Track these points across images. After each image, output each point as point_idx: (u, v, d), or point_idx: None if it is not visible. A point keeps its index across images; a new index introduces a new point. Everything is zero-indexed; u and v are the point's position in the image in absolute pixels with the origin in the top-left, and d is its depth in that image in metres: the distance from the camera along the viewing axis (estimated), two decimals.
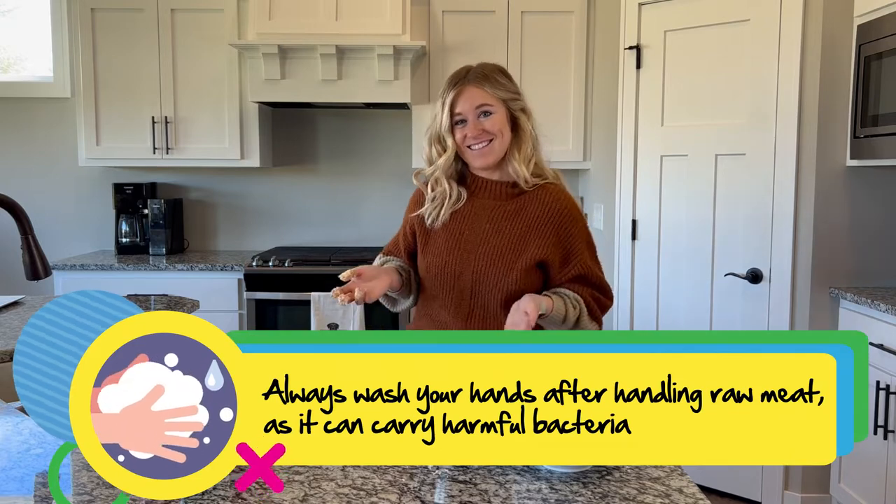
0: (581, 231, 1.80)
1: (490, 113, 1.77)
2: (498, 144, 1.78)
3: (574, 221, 1.79)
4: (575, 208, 1.81)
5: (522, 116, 1.81)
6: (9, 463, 1.18)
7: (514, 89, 1.83)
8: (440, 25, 3.86)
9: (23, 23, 4.32)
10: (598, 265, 1.84)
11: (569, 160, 3.97)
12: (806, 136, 2.93)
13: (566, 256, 1.78)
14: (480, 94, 1.77)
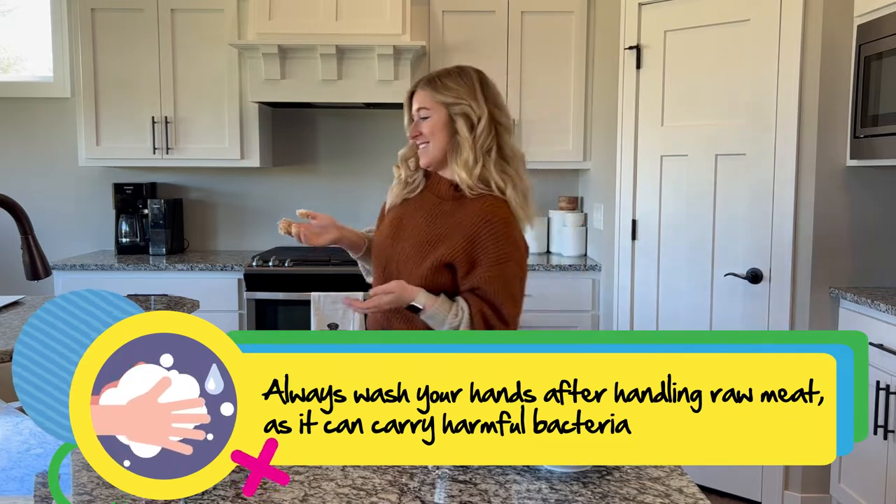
0: (497, 248, 1.76)
1: (427, 116, 1.82)
2: (432, 146, 1.82)
3: (493, 237, 1.76)
4: (502, 225, 1.77)
5: (459, 121, 1.79)
6: (9, 463, 1.18)
7: (461, 94, 1.80)
8: (440, 25, 3.86)
9: (23, 23, 4.32)
10: (505, 288, 1.76)
11: (569, 160, 3.97)
12: (806, 136, 2.93)
13: (471, 267, 1.77)
14: (421, 96, 1.83)
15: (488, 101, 1.81)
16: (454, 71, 1.85)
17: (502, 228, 1.77)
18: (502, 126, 1.84)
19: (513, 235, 1.78)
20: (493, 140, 1.81)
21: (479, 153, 1.79)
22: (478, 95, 1.80)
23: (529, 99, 3.92)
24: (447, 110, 1.80)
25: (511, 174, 1.84)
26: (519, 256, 1.79)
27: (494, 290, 1.75)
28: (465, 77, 1.83)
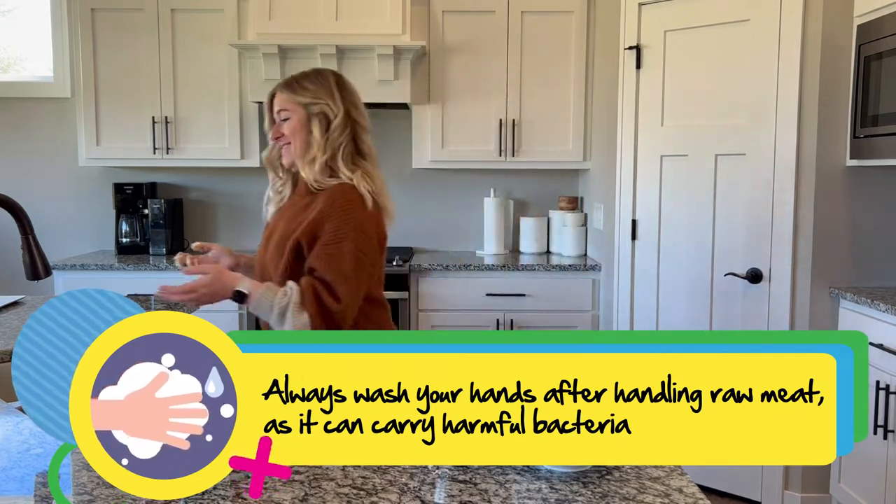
0: (335, 228, 1.78)
1: (287, 118, 1.87)
2: (294, 146, 1.87)
3: (332, 218, 1.79)
4: (344, 204, 1.80)
5: (315, 121, 1.85)
6: (9, 463, 1.18)
7: (319, 94, 1.86)
8: (440, 25, 3.86)
9: (23, 23, 4.32)
10: (338, 266, 1.77)
11: (569, 160, 3.98)
12: (806, 136, 2.93)
13: (311, 247, 1.82)
14: (280, 99, 1.88)
15: (345, 100, 1.88)
16: (311, 73, 1.91)
17: (343, 208, 1.79)
18: (360, 125, 1.89)
19: (354, 216, 1.80)
20: (348, 137, 1.86)
21: (328, 149, 1.84)
22: (335, 94, 1.87)
23: (529, 99, 3.92)
24: (306, 110, 1.85)
25: (362, 166, 1.88)
26: (358, 237, 1.79)
27: (326, 268, 1.77)
28: (321, 78, 1.89)
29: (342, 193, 1.82)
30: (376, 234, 1.86)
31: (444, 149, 3.94)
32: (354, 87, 1.95)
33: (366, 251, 1.81)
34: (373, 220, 1.84)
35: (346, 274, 1.77)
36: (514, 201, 4.31)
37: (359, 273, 1.79)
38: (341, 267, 1.77)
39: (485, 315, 3.72)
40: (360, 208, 1.81)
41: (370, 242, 1.83)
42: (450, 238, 4.33)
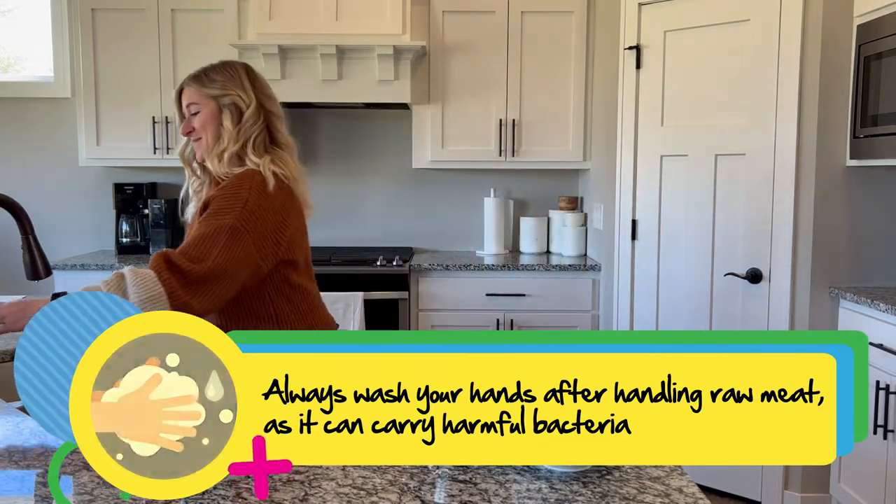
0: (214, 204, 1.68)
1: (197, 112, 1.80)
2: (205, 140, 1.80)
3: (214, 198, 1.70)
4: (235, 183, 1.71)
5: (226, 112, 1.78)
6: (9, 463, 1.18)
7: (228, 85, 1.79)
8: (440, 25, 3.86)
9: (23, 23, 4.32)
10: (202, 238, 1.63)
11: (569, 160, 3.98)
12: (806, 136, 2.93)
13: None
14: (189, 93, 1.81)
15: (256, 90, 1.82)
16: (219, 65, 1.85)
17: (234, 187, 1.70)
18: (273, 114, 1.83)
19: (245, 196, 1.68)
20: (262, 127, 1.80)
21: (240, 139, 1.77)
22: (245, 85, 1.80)
23: (529, 99, 3.92)
24: (216, 102, 1.79)
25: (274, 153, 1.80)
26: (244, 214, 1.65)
27: (188, 242, 1.63)
28: (231, 69, 1.83)
29: (238, 177, 1.73)
30: (277, 219, 1.72)
31: (444, 149, 3.94)
32: (265, 79, 1.89)
33: (252, 227, 1.66)
34: (274, 202, 1.71)
35: (207, 238, 1.62)
36: (514, 201, 4.31)
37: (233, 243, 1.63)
38: (205, 232, 1.63)
39: (485, 315, 3.72)
40: (256, 191, 1.69)
41: (261, 222, 1.68)
42: (450, 238, 4.33)
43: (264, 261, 1.71)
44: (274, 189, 1.72)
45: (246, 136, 1.78)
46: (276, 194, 1.73)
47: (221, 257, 1.61)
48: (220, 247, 1.62)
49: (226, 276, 1.62)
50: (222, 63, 1.85)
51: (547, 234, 4.20)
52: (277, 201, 1.73)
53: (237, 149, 1.77)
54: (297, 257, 1.85)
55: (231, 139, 1.77)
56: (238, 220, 1.64)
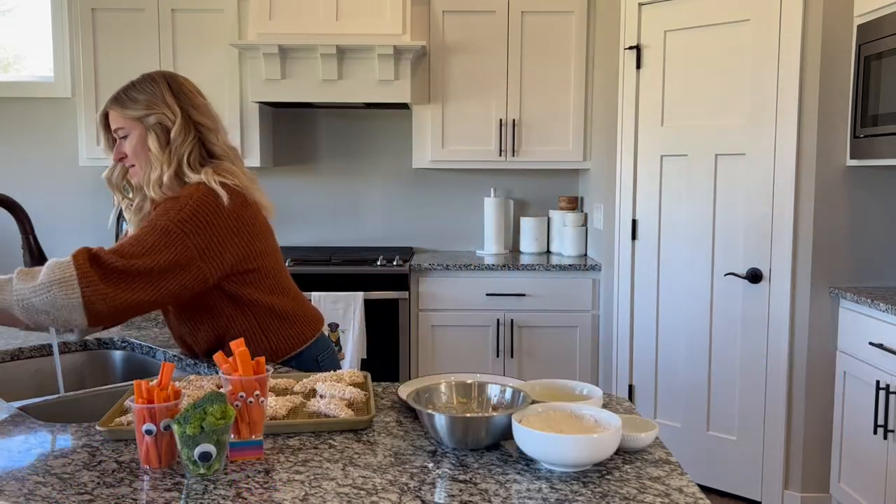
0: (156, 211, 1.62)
1: (126, 136, 1.70)
2: (139, 167, 1.71)
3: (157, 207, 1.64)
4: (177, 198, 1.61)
5: (152, 134, 1.67)
6: (10, 462, 1.19)
7: (150, 103, 1.67)
8: (440, 25, 3.86)
9: (23, 22, 4.32)
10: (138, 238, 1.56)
11: (569, 160, 3.98)
12: (806, 136, 2.93)
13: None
14: (114, 116, 1.71)
15: (181, 103, 1.69)
16: (140, 81, 1.72)
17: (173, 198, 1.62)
18: (203, 126, 1.70)
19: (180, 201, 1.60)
20: (193, 142, 1.68)
21: (173, 161, 1.66)
22: (168, 99, 1.68)
23: (529, 99, 3.92)
24: (142, 124, 1.68)
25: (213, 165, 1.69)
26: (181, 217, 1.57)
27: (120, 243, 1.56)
28: (151, 84, 1.70)
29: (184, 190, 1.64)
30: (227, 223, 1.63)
31: (444, 149, 3.94)
32: (192, 86, 1.75)
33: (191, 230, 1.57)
34: (223, 211, 1.62)
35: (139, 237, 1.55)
36: (514, 201, 4.31)
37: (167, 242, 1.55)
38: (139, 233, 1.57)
39: (485, 315, 3.73)
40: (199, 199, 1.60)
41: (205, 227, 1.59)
42: (450, 238, 4.33)
43: (209, 267, 1.60)
44: (227, 200, 1.62)
45: (178, 154, 1.67)
46: (227, 205, 1.63)
47: (153, 255, 1.53)
48: (150, 245, 1.54)
49: (155, 273, 1.52)
50: (142, 78, 1.72)
51: (547, 234, 4.20)
52: (227, 210, 1.63)
53: (172, 171, 1.66)
54: (262, 264, 1.74)
55: (164, 163, 1.66)
56: (174, 223, 1.56)
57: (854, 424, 2.83)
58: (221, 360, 1.22)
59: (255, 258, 1.71)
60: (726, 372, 3.20)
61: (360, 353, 3.57)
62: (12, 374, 1.92)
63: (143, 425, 1.13)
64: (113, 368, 2.07)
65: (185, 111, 1.68)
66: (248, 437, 1.18)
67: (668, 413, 3.39)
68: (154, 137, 1.67)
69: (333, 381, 1.52)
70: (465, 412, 1.36)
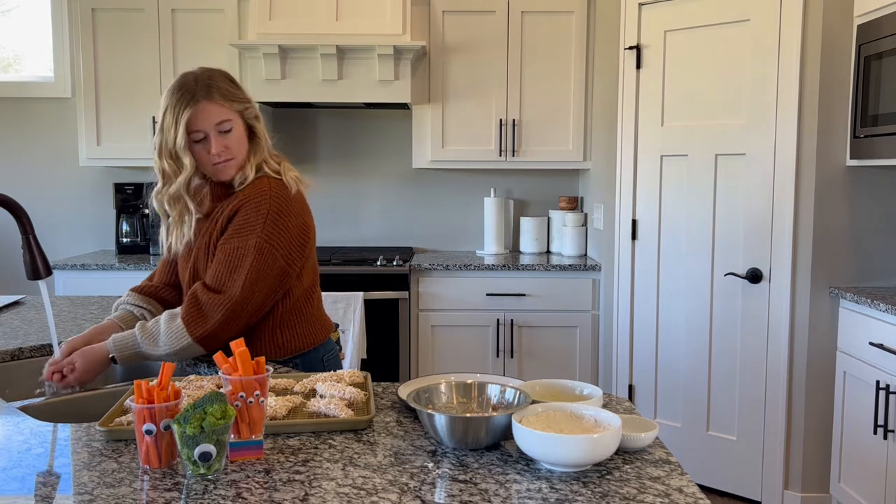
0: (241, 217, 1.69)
1: (229, 129, 1.72)
2: (240, 158, 1.75)
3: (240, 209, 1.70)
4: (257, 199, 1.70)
5: (257, 125, 1.77)
6: (9, 463, 1.19)
7: (245, 97, 1.77)
8: (440, 25, 3.86)
9: (23, 22, 4.32)
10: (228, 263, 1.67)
11: (569, 160, 3.98)
12: (806, 136, 2.93)
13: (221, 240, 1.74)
14: (217, 109, 1.70)
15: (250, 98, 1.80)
16: (222, 77, 1.77)
17: (255, 201, 1.69)
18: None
19: (265, 209, 1.68)
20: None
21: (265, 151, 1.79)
22: (248, 94, 1.79)
23: (529, 99, 3.92)
24: (242, 117, 1.75)
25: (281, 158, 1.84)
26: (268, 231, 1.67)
27: (220, 268, 1.66)
28: (230, 78, 1.78)
29: (259, 185, 1.72)
30: (300, 223, 1.74)
31: (444, 149, 3.94)
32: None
33: (276, 245, 1.68)
34: (293, 213, 1.72)
35: (240, 268, 1.65)
36: (514, 201, 4.31)
37: (262, 268, 1.66)
38: (238, 262, 1.65)
39: (485, 315, 3.73)
40: (277, 201, 1.69)
41: (284, 237, 1.70)
42: (450, 238, 4.33)
43: (293, 267, 1.74)
44: (295, 193, 1.74)
45: (267, 144, 1.80)
46: (297, 198, 1.75)
47: (249, 280, 1.64)
48: (246, 269, 1.64)
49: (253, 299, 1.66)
50: (219, 72, 1.77)
51: (547, 234, 4.20)
52: (298, 205, 1.74)
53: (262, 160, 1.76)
54: (309, 262, 1.87)
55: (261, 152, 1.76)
56: (263, 239, 1.66)
57: (854, 424, 2.83)
58: (221, 360, 1.22)
59: (308, 256, 1.83)
60: (726, 372, 3.20)
61: (360, 353, 3.57)
62: (12, 374, 1.92)
63: (143, 425, 1.13)
64: (113, 368, 2.07)
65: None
66: (248, 437, 1.18)
67: (668, 413, 3.39)
68: (257, 127, 1.76)
69: (333, 381, 1.52)
70: (465, 412, 1.36)
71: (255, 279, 1.65)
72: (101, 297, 2.68)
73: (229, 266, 1.65)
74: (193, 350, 1.65)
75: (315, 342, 1.87)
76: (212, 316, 1.63)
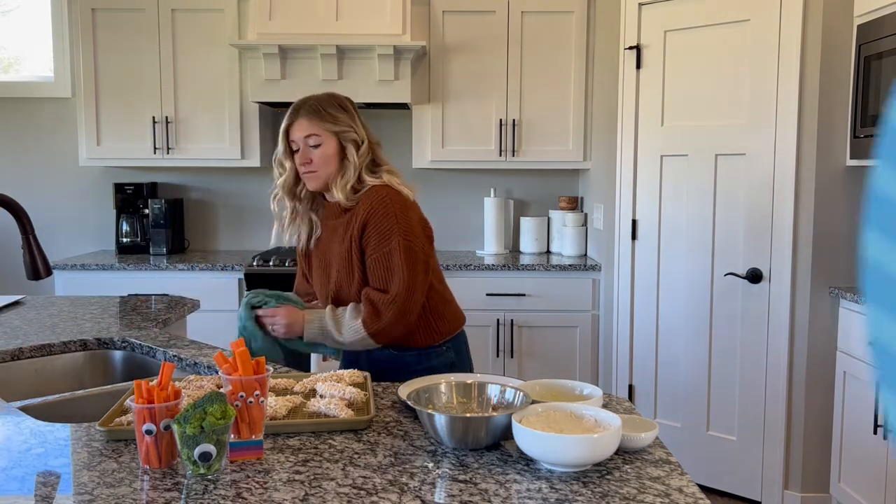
0: (377, 230, 1.87)
1: (318, 145, 1.91)
2: (322, 172, 1.92)
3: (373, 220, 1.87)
4: (381, 205, 1.88)
5: (350, 147, 1.92)
6: (9, 463, 1.19)
7: (348, 122, 1.94)
8: (440, 25, 3.86)
9: (23, 23, 4.32)
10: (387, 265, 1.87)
11: (569, 160, 3.98)
12: (806, 136, 2.93)
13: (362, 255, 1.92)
14: (308, 125, 1.91)
15: (365, 126, 1.98)
16: (329, 99, 1.96)
17: (381, 208, 1.87)
18: (375, 143, 1.99)
19: (393, 211, 1.87)
20: (369, 157, 1.96)
21: (356, 171, 1.93)
22: (357, 121, 1.96)
23: (529, 99, 3.92)
24: (337, 138, 1.92)
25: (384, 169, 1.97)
26: (402, 228, 1.87)
27: (377, 274, 1.87)
28: (343, 105, 1.96)
29: (376, 193, 1.89)
30: (420, 223, 1.95)
31: (444, 149, 3.94)
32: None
33: (413, 240, 1.88)
34: (414, 210, 1.94)
35: (393, 268, 1.86)
36: (514, 201, 4.31)
37: (411, 263, 1.86)
38: (390, 266, 1.86)
39: (485, 315, 3.72)
40: (398, 203, 1.89)
41: (416, 231, 1.90)
42: (450, 238, 4.33)
43: (429, 259, 1.96)
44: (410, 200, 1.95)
45: (362, 164, 1.94)
46: (413, 204, 1.96)
47: (408, 281, 1.85)
48: (405, 273, 1.85)
49: (414, 291, 1.87)
50: (331, 97, 1.97)
51: (547, 234, 4.20)
52: (416, 210, 1.96)
53: (356, 178, 1.92)
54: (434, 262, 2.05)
55: (354, 171, 1.91)
56: (405, 239, 1.87)
57: (854, 424, 2.83)
58: (221, 360, 1.22)
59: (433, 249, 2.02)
60: (726, 372, 3.20)
61: None
62: (12, 374, 1.92)
63: (143, 425, 1.13)
64: (113, 368, 2.07)
65: (367, 131, 1.97)
66: (248, 437, 1.18)
67: (668, 413, 3.39)
68: (350, 150, 1.92)
69: (333, 381, 1.52)
70: (465, 412, 1.36)
71: (410, 274, 1.85)
72: (100, 297, 2.68)
73: (386, 270, 1.86)
74: (367, 343, 1.86)
75: (460, 326, 2.06)
76: (384, 314, 1.84)
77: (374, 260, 1.87)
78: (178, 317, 2.45)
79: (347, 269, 1.92)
